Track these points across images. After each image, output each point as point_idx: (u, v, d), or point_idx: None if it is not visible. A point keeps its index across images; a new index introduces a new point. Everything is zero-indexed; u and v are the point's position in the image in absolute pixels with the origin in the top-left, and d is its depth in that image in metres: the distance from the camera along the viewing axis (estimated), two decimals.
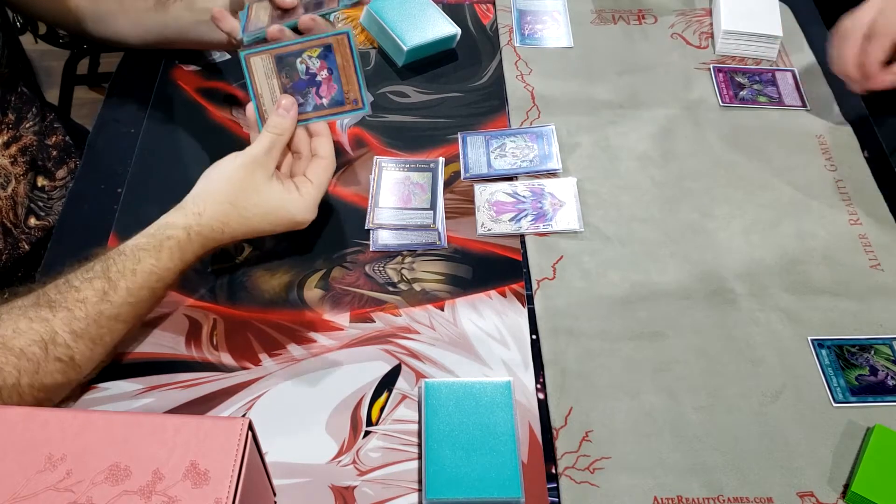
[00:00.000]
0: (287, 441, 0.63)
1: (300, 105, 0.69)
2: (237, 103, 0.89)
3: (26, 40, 1.51)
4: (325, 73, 0.68)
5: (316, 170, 0.69)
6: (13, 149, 0.82)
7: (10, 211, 0.82)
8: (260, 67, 0.68)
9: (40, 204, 0.86)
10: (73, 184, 0.82)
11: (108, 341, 0.62)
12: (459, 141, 0.85)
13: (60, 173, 0.89)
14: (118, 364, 0.67)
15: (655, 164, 0.84)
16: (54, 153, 0.89)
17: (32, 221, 0.85)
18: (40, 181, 0.87)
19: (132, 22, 0.85)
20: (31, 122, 0.86)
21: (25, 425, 0.48)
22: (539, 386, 0.67)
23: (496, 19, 1.00)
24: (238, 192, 0.66)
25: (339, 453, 0.62)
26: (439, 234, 0.77)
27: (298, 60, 0.68)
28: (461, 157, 0.84)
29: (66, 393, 0.62)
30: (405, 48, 0.91)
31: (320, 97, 0.68)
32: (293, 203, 0.67)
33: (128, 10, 0.84)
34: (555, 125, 0.86)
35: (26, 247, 0.83)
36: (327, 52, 0.68)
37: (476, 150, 0.84)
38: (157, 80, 0.91)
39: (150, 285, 0.63)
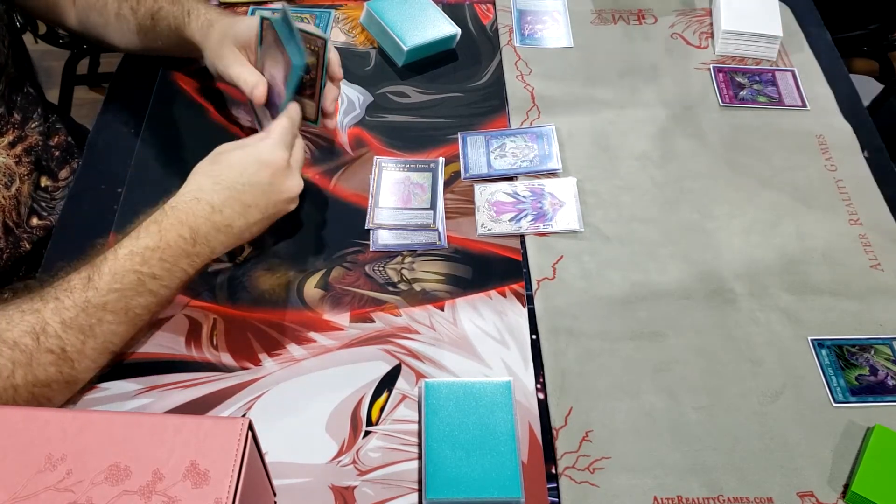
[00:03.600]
0: (287, 441, 0.63)
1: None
2: (237, 103, 0.89)
3: (26, 40, 1.50)
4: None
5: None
6: (18, 148, 0.82)
7: (13, 210, 0.82)
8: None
9: (42, 204, 0.86)
10: (73, 183, 0.82)
11: (98, 334, 0.60)
12: (459, 141, 0.85)
13: (63, 173, 0.90)
14: (118, 364, 0.67)
15: (655, 164, 0.84)
16: (57, 153, 0.90)
17: (34, 221, 0.85)
18: (44, 181, 0.87)
19: (121, 38, 0.87)
20: (36, 123, 0.86)
21: (25, 425, 0.48)
22: (539, 386, 0.67)
23: (496, 19, 1.00)
24: (210, 163, 0.68)
25: (339, 453, 0.62)
26: (439, 234, 0.77)
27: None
28: (461, 157, 0.84)
29: (66, 395, 0.62)
30: (405, 48, 0.91)
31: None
32: (257, 144, 0.68)
33: (114, 31, 0.86)
34: (555, 125, 0.86)
35: (27, 246, 0.83)
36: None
37: (476, 150, 0.84)
38: (157, 80, 0.91)
39: (134, 267, 0.61)
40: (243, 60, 0.74)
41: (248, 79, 0.73)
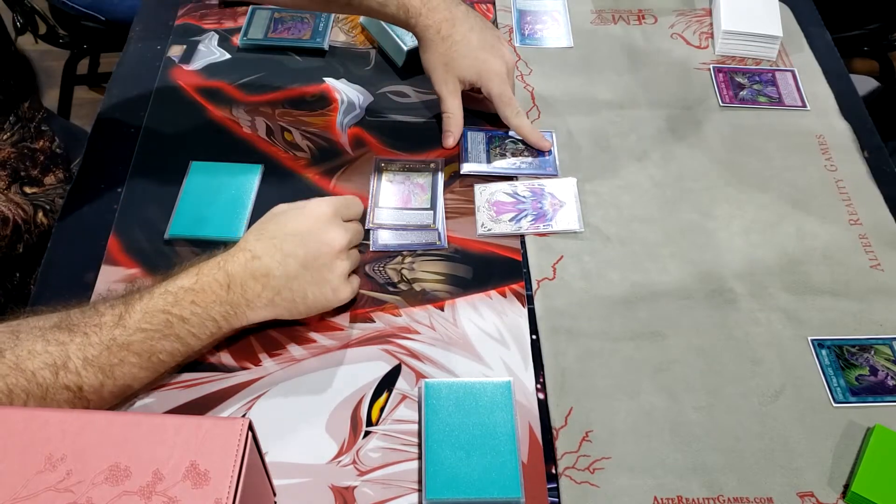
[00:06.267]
0: (287, 441, 0.63)
1: None
2: (236, 103, 0.89)
3: (26, 40, 1.50)
4: None
5: None
6: None
7: (18, 208, 0.82)
8: None
9: (42, 199, 0.87)
10: (73, 184, 0.82)
11: (118, 376, 0.58)
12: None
13: (48, 179, 0.89)
14: None
15: (655, 164, 0.84)
16: (41, 158, 0.89)
17: (40, 217, 0.85)
18: (28, 190, 0.87)
19: None
20: (7, 134, 0.85)
21: (25, 425, 0.48)
22: (539, 386, 0.67)
23: (496, 19, 1.00)
24: (261, 220, 0.68)
25: (339, 453, 0.62)
26: (439, 234, 0.77)
27: None
28: (461, 150, 0.84)
29: None
30: (405, 48, 0.91)
31: None
32: (306, 202, 0.67)
33: None
34: (555, 126, 0.86)
35: (34, 240, 0.84)
36: None
37: (476, 146, 0.84)
38: (157, 80, 0.91)
39: (165, 307, 0.59)
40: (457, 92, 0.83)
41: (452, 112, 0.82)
